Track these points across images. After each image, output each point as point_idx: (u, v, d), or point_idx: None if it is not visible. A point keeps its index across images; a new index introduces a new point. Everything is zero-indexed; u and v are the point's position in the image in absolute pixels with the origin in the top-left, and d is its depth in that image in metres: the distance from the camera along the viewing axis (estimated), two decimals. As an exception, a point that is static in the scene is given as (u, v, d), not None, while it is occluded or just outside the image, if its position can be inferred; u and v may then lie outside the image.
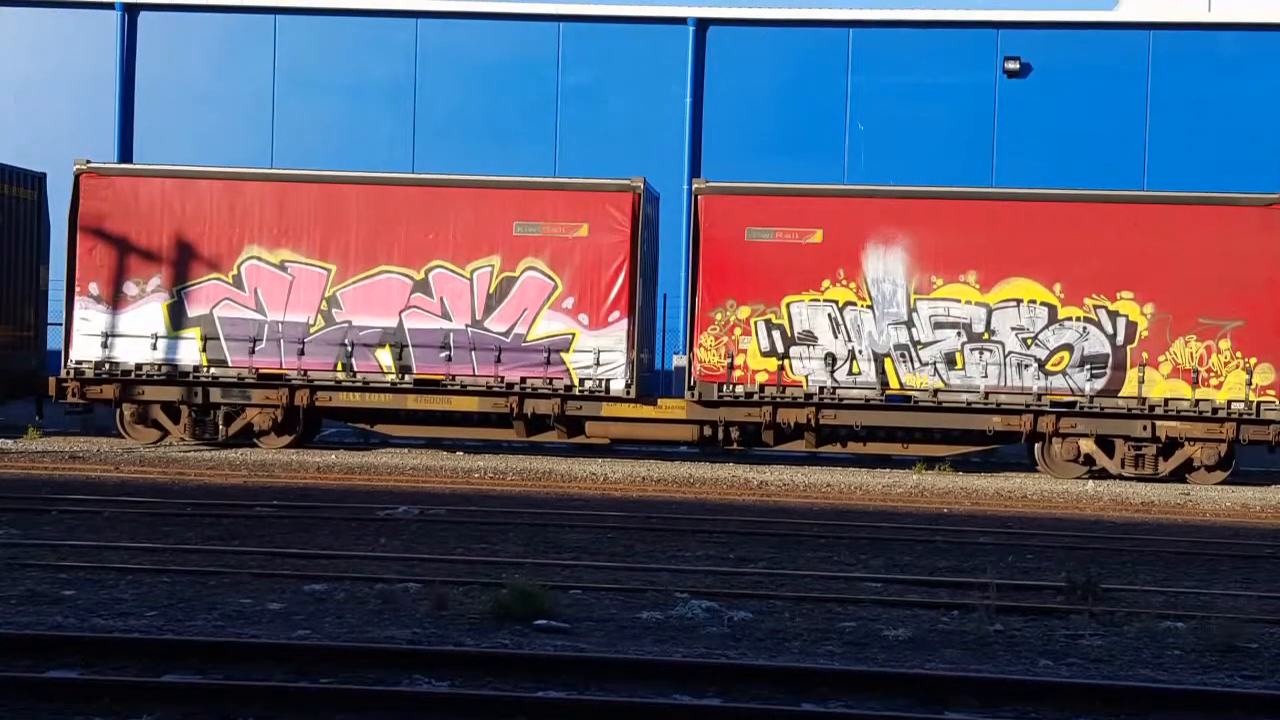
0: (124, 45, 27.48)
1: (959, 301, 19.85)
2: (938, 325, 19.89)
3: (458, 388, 20.52)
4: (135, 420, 21.02)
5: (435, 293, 20.51)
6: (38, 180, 22.75)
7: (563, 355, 20.36)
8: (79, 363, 20.68)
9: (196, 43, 27.75)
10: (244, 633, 8.69)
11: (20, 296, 22.25)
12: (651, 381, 21.81)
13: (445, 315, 20.48)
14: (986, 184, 24.91)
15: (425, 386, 20.56)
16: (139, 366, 20.65)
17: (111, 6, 27.50)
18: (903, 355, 19.93)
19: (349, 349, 20.49)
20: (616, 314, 20.32)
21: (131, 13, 27.55)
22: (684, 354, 21.58)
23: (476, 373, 20.43)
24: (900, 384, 19.94)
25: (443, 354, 20.43)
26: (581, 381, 20.34)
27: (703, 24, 27.12)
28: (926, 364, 19.88)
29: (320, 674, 7.69)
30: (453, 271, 20.48)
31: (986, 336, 19.85)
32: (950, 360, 19.87)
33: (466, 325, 20.46)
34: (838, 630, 9.35)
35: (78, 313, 20.68)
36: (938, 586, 11.07)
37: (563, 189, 20.92)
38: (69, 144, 24.40)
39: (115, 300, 20.65)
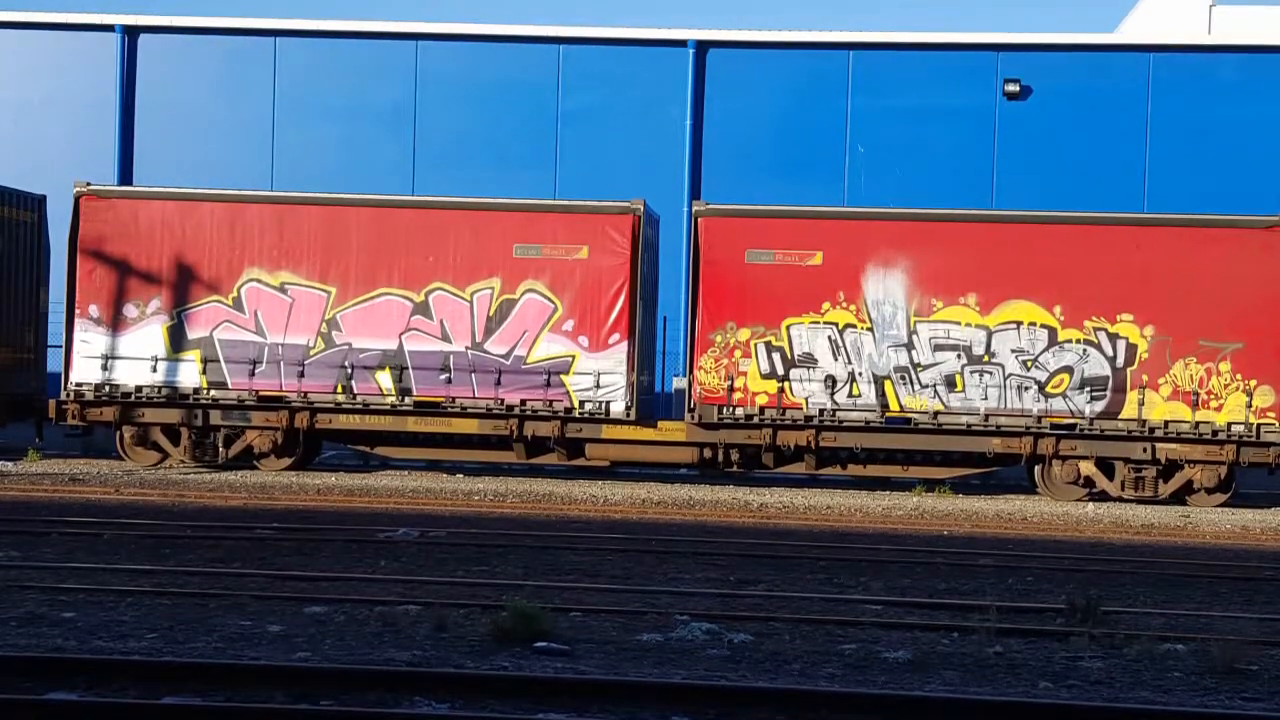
0: (124, 67, 27.55)
1: (959, 324, 19.86)
2: (938, 347, 19.90)
3: (458, 410, 20.51)
4: (135, 442, 21.00)
5: (435, 315, 20.52)
6: (37, 202, 22.78)
7: (563, 377, 20.36)
8: (79, 385, 20.66)
9: (197, 65, 27.82)
10: (244, 655, 8.67)
11: (20, 319, 22.25)
12: (651, 404, 21.81)
13: (445, 337, 20.49)
14: (987, 206, 24.90)
15: (425, 409, 20.56)
16: (139, 389, 20.64)
17: (111, 29, 27.56)
18: (903, 377, 19.93)
19: (349, 371, 20.49)
20: (616, 336, 20.33)
21: (131, 35, 27.63)
22: (684, 376, 21.58)
23: (476, 395, 20.43)
24: (900, 406, 19.94)
25: (443, 376, 20.43)
26: (581, 404, 20.34)
27: (703, 46, 27.21)
28: (926, 386, 19.89)
29: (321, 696, 7.68)
30: (453, 294, 20.50)
31: (986, 359, 19.86)
32: (950, 382, 19.88)
33: (466, 347, 20.47)
34: (838, 652, 9.34)
35: (78, 335, 20.68)
36: (938, 609, 11.06)
37: (563, 211, 20.95)
38: (69, 166, 24.41)
39: (115, 322, 20.65)
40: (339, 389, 20.52)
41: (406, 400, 20.48)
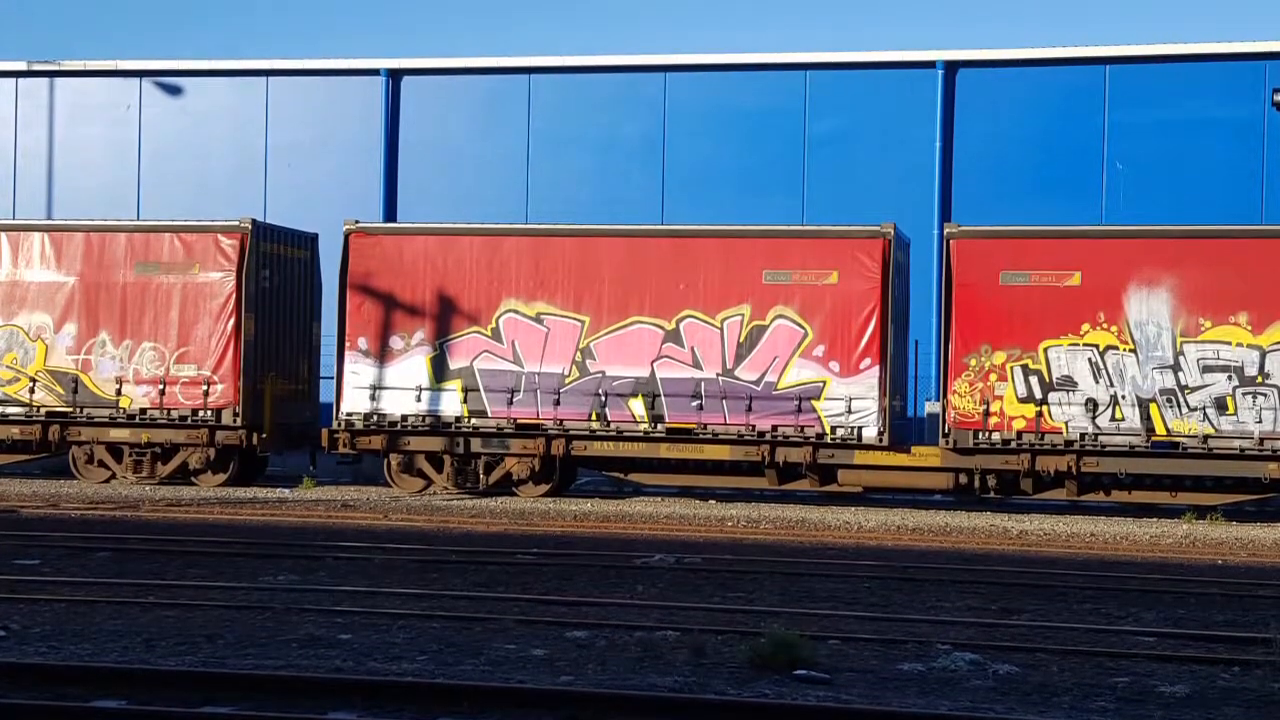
0: (388, 109, 28.71)
1: (1229, 344, 19.08)
2: (1206, 369, 19.14)
3: (709, 436, 20.64)
4: (401, 469, 21.74)
5: (686, 342, 20.71)
6: (310, 240, 23.88)
7: (814, 403, 20.29)
8: (349, 414, 21.51)
9: (455, 104, 28.80)
10: (512, 678, 8.89)
11: (296, 352, 23.31)
12: (904, 429, 21.54)
13: (696, 364, 20.66)
14: (1255, 221, 23.88)
15: (677, 435, 20.74)
16: (404, 418, 21.38)
17: (377, 73, 28.78)
18: (1169, 400, 19.23)
19: (603, 399, 20.84)
20: (868, 361, 20.17)
21: (395, 78, 28.79)
22: (937, 401, 21.25)
23: (728, 421, 20.52)
24: (1167, 430, 19.24)
25: (694, 403, 20.60)
26: (833, 429, 20.23)
27: (952, 67, 26.82)
28: (1195, 409, 19.14)
29: (586, 720, 7.81)
30: (703, 321, 20.66)
31: (1260, 380, 18.99)
32: (1221, 405, 19.08)
33: (717, 374, 20.59)
34: (1110, 685, 9.05)
35: (348, 366, 21.55)
36: (1215, 641, 10.61)
37: (812, 237, 20.94)
38: (338, 205, 25.52)
39: (382, 354, 21.45)
40: (593, 416, 20.87)
41: (659, 427, 20.70)
